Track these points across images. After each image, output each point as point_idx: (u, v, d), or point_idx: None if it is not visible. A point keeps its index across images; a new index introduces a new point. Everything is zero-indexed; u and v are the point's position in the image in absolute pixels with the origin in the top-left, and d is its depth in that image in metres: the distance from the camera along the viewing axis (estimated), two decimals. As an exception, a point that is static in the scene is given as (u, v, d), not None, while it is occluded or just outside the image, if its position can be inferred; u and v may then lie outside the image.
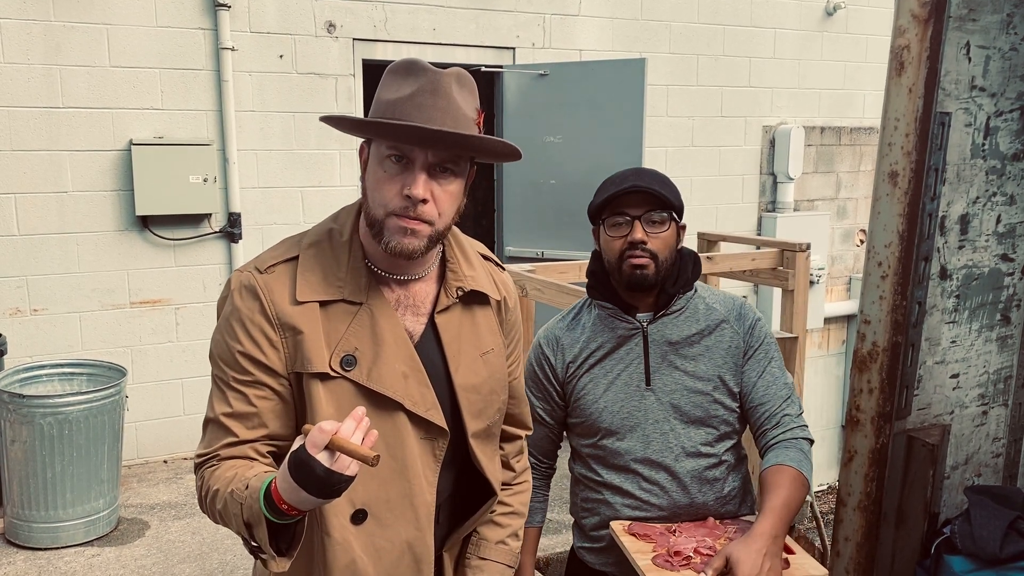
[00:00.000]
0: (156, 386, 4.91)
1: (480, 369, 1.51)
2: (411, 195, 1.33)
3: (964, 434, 2.30)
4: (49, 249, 4.58)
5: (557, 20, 5.67)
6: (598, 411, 1.84)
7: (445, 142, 1.33)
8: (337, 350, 1.37)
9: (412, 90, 1.35)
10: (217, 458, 1.38)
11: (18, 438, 3.78)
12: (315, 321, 1.37)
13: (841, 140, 6.88)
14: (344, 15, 5.08)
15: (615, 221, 1.79)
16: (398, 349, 1.41)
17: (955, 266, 2.16)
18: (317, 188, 5.15)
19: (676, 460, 1.81)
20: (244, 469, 1.34)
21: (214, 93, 4.81)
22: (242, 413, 1.38)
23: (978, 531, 2.06)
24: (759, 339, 1.85)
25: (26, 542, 3.88)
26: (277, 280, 1.39)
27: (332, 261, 1.41)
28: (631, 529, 1.78)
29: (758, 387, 1.82)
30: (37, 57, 4.43)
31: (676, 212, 1.82)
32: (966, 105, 2.04)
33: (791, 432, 1.77)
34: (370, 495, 1.41)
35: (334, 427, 1.16)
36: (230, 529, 1.34)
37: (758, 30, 6.38)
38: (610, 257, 1.82)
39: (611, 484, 1.85)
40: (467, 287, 1.50)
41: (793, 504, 1.64)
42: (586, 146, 5.32)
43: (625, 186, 1.77)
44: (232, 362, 1.38)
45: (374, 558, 1.43)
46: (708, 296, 1.90)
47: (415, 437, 1.43)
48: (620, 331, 1.85)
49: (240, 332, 1.37)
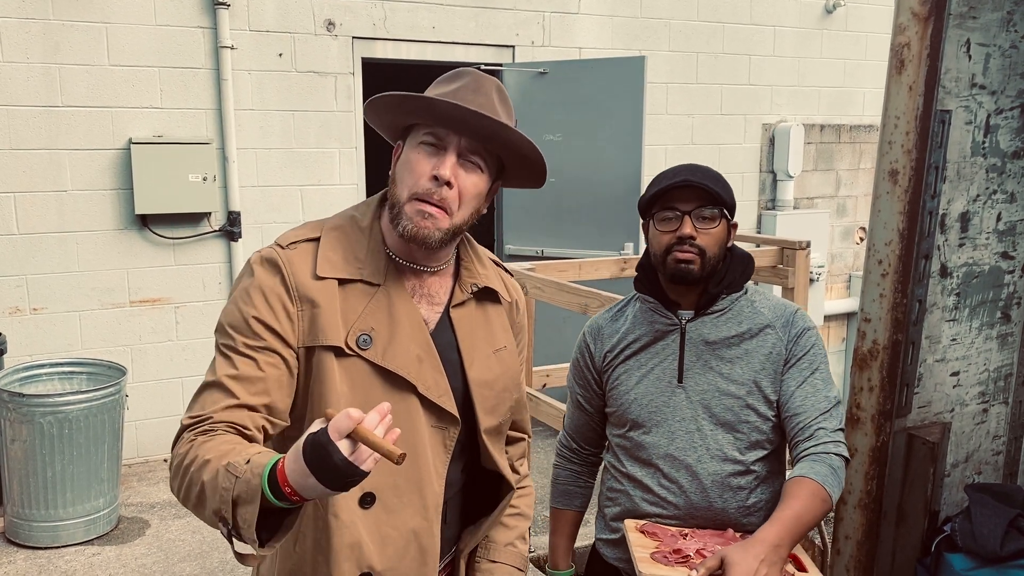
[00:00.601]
0: (156, 385, 4.91)
1: (494, 365, 1.52)
2: (439, 174, 1.37)
3: (964, 432, 2.30)
4: (49, 248, 4.58)
5: (557, 18, 5.67)
6: (628, 402, 1.83)
7: (482, 125, 1.37)
8: (354, 328, 1.39)
9: (456, 87, 1.42)
10: (211, 421, 1.30)
11: (18, 437, 3.78)
12: (333, 297, 1.39)
13: (841, 138, 6.88)
14: (343, 13, 5.07)
15: (665, 215, 1.77)
16: (414, 333, 1.43)
17: (955, 264, 2.16)
18: (317, 187, 5.14)
19: (699, 461, 1.78)
20: (243, 444, 1.26)
21: (213, 92, 4.80)
22: (248, 376, 1.33)
23: (979, 529, 2.06)
24: (804, 348, 1.79)
25: (26, 541, 3.88)
26: (299, 255, 1.41)
27: (353, 243, 1.44)
28: (643, 528, 1.77)
29: (796, 397, 1.76)
30: (36, 56, 4.43)
31: (728, 210, 1.80)
32: (966, 103, 2.04)
33: (823, 446, 1.69)
34: (379, 479, 1.39)
35: (360, 416, 1.10)
36: (198, 511, 1.24)
37: (758, 28, 6.37)
38: (657, 251, 1.79)
39: (633, 477, 1.84)
40: (481, 283, 1.53)
41: (806, 518, 1.58)
42: (586, 144, 5.32)
43: (677, 180, 1.75)
44: (245, 328, 1.36)
45: (379, 544, 1.42)
46: (758, 300, 1.85)
47: (427, 424, 1.43)
48: (659, 325, 1.83)
49: (258, 299, 1.37)
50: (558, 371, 3.96)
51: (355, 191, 5.25)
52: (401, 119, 1.46)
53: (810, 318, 1.86)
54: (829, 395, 1.77)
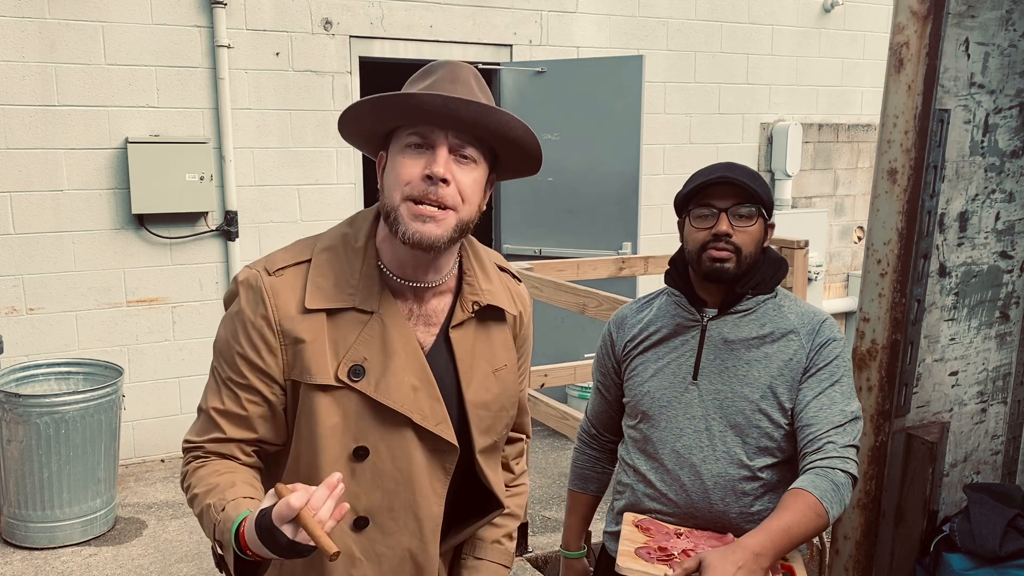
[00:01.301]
0: (153, 385, 4.90)
1: (492, 385, 1.49)
2: (432, 172, 1.30)
3: (963, 431, 2.30)
4: (45, 248, 4.56)
5: (555, 17, 5.66)
6: (641, 394, 1.83)
7: (469, 112, 1.29)
8: (345, 359, 1.35)
9: (432, 80, 1.35)
10: (203, 450, 1.38)
11: (14, 438, 3.77)
12: (320, 331, 1.35)
13: (839, 137, 6.88)
14: (341, 12, 5.06)
15: (701, 212, 1.76)
16: (408, 361, 1.38)
17: (954, 263, 2.16)
18: (314, 186, 5.13)
19: (704, 461, 1.76)
20: (226, 480, 1.32)
21: (210, 91, 4.79)
22: (232, 413, 1.37)
23: (978, 529, 2.05)
24: (826, 359, 1.75)
25: (23, 542, 3.87)
26: (285, 285, 1.36)
27: (345, 267, 1.38)
28: (639, 523, 1.76)
29: (810, 407, 1.71)
30: (32, 55, 4.41)
31: (765, 208, 1.77)
32: (965, 102, 2.03)
33: (830, 461, 1.64)
34: (373, 504, 1.40)
35: (303, 501, 1.13)
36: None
37: (756, 27, 6.37)
38: (692, 247, 1.77)
39: (639, 470, 1.84)
40: (483, 301, 1.46)
41: (795, 531, 1.53)
42: (584, 143, 5.31)
43: (714, 176, 1.73)
44: (231, 361, 1.37)
45: (375, 562, 1.43)
46: (786, 304, 1.82)
47: (423, 451, 1.41)
48: (680, 320, 1.82)
49: (242, 334, 1.36)
50: (556, 371, 3.96)
51: (352, 190, 5.24)
52: (379, 125, 1.38)
53: (838, 328, 1.80)
54: (846, 409, 1.71)
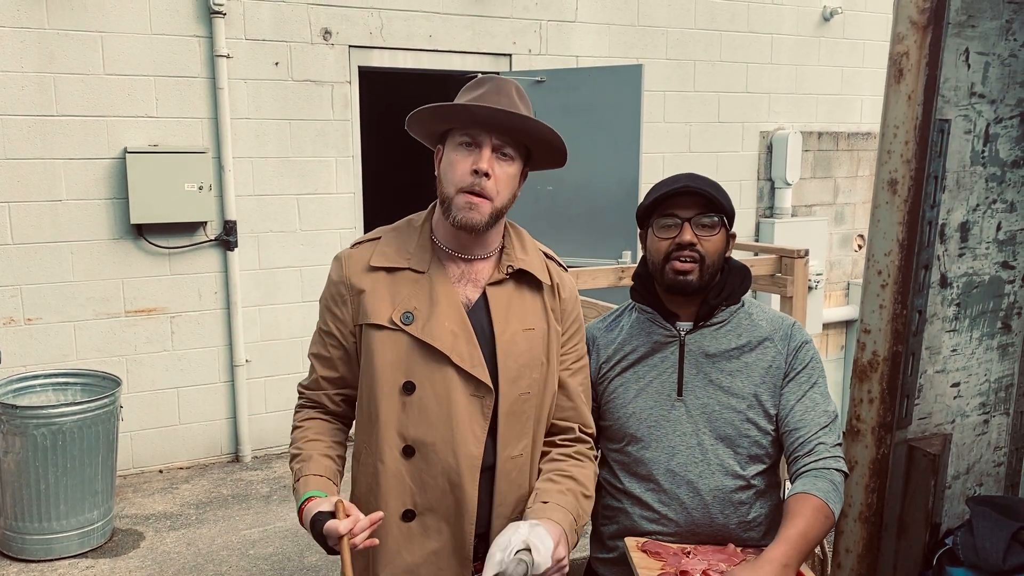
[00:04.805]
0: (151, 395, 4.88)
1: (520, 341, 1.71)
2: (479, 168, 1.64)
3: (965, 443, 2.27)
4: (43, 258, 4.55)
5: (554, 27, 5.66)
6: (626, 416, 1.81)
7: (509, 120, 1.65)
8: (399, 307, 1.69)
9: (481, 92, 1.70)
10: (304, 396, 1.83)
11: (11, 449, 3.75)
12: (380, 284, 1.71)
13: (839, 145, 6.88)
14: (340, 22, 5.06)
15: (664, 223, 1.76)
16: (450, 311, 1.68)
17: (955, 274, 2.14)
18: (313, 195, 5.13)
19: (700, 476, 1.75)
20: (308, 450, 1.73)
21: (209, 101, 4.79)
22: (321, 356, 1.79)
23: (981, 542, 2.03)
24: (803, 362, 1.78)
25: (19, 554, 3.85)
26: (359, 253, 1.76)
27: (406, 239, 1.76)
28: (645, 547, 1.73)
29: (795, 411, 1.75)
30: (31, 65, 4.42)
31: (727, 218, 1.78)
32: (965, 112, 2.02)
33: (823, 461, 1.69)
34: (419, 435, 1.67)
35: (347, 528, 1.51)
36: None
37: (755, 35, 6.37)
38: (655, 259, 1.78)
39: (631, 493, 1.81)
40: (516, 266, 1.74)
41: (811, 535, 1.58)
42: (583, 153, 5.30)
43: (677, 187, 1.74)
44: (321, 314, 1.79)
45: (420, 487, 1.68)
46: (755, 313, 1.84)
47: (463, 392, 1.66)
48: (657, 337, 1.81)
49: (327, 292, 1.77)
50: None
51: (352, 200, 5.23)
52: (438, 126, 1.73)
53: (806, 331, 1.85)
54: (828, 409, 1.76)
